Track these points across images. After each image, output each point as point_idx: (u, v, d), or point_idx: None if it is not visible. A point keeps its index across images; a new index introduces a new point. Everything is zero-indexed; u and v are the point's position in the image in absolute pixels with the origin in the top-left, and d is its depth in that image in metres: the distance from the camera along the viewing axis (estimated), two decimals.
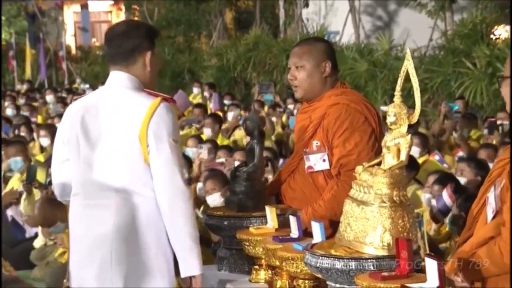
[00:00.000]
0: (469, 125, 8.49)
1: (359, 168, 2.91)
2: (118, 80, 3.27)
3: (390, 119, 2.86)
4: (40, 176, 6.88)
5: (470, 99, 10.79)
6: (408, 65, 2.92)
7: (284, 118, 10.66)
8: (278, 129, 10.01)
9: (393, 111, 2.86)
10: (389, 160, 2.85)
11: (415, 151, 7.11)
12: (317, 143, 3.57)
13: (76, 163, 3.25)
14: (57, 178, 3.36)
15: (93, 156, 3.20)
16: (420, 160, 7.08)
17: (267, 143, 8.44)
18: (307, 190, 3.60)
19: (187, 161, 6.97)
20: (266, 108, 11.50)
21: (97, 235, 3.14)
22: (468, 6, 14.83)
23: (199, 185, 6.41)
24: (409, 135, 2.84)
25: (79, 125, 3.25)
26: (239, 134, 9.16)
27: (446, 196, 4.99)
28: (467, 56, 11.29)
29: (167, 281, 3.18)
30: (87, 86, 18.99)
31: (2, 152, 7.65)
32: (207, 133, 8.85)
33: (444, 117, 9.05)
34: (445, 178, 5.37)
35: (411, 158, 6.36)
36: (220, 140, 8.48)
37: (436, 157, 7.07)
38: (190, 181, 6.55)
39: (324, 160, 3.55)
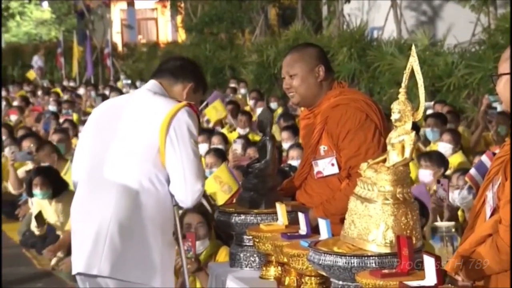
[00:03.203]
0: (507, 122, 8.31)
1: (363, 165, 2.90)
2: (151, 86, 3.43)
3: (394, 116, 2.85)
4: None
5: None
6: (413, 62, 2.90)
7: None
8: None
9: (398, 108, 2.85)
10: (393, 157, 2.84)
11: (448, 148, 7.04)
12: (324, 147, 3.57)
13: (86, 155, 3.34)
14: (77, 175, 3.44)
15: (105, 149, 3.30)
16: (452, 157, 7.00)
17: None
18: (324, 195, 3.58)
19: (222, 156, 7.03)
20: None
21: (95, 222, 3.20)
22: None
23: None
24: (413, 132, 2.82)
25: (98, 121, 3.40)
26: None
27: (486, 158, 4.86)
28: None
29: (158, 282, 3.21)
30: (129, 81, 19.23)
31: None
32: (240, 131, 8.96)
33: (485, 110, 8.87)
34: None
35: (440, 155, 6.34)
36: (251, 137, 8.52)
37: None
38: None
39: (332, 165, 3.54)
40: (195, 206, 3.42)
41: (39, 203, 7.07)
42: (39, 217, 6.87)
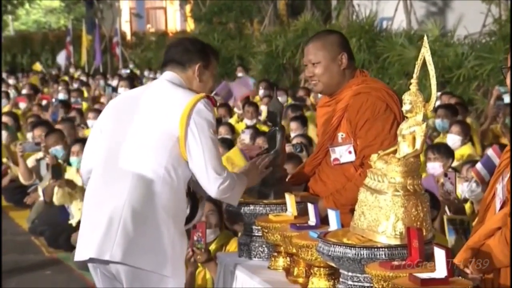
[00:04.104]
0: None
1: (374, 157, 2.89)
2: (166, 76, 3.43)
3: (406, 107, 2.83)
4: None
5: None
6: (425, 52, 2.88)
7: None
8: None
9: (409, 99, 2.83)
10: (404, 148, 2.82)
11: (457, 139, 7.02)
12: (342, 135, 3.55)
13: (101, 145, 3.36)
14: (86, 165, 3.45)
15: (121, 139, 3.31)
16: (461, 149, 6.97)
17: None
18: (339, 183, 3.57)
19: (229, 146, 7.03)
20: (312, 95, 11.45)
21: (108, 208, 3.20)
22: None
23: None
24: (425, 123, 2.81)
25: (113, 112, 3.42)
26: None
27: (493, 153, 4.82)
28: None
29: (169, 271, 3.21)
30: (128, 71, 19.25)
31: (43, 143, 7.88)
32: (247, 122, 8.97)
33: (494, 101, 8.83)
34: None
35: (447, 147, 6.31)
36: (259, 127, 8.52)
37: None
38: None
39: (350, 152, 3.52)
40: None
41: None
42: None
